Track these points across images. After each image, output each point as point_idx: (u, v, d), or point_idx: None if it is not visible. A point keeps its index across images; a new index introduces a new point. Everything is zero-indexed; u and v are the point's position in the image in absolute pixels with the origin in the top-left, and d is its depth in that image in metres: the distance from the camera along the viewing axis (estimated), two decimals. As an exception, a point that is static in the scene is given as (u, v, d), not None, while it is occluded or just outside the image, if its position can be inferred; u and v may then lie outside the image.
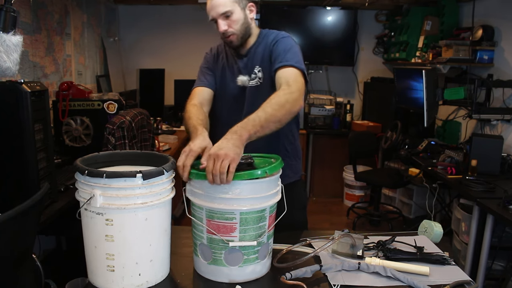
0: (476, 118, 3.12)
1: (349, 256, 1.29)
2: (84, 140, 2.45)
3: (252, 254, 1.15)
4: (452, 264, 1.28)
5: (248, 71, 1.60)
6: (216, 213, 1.12)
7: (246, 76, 1.61)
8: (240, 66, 1.62)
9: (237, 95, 1.62)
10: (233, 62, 1.64)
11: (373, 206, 4.02)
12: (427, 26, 3.85)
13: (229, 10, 1.49)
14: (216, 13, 1.50)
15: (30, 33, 2.67)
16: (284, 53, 1.50)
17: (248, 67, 1.61)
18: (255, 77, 1.59)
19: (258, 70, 1.59)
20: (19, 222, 0.96)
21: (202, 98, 1.61)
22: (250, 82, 1.60)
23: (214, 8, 1.50)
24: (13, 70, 1.43)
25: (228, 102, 1.64)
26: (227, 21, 1.52)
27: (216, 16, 1.51)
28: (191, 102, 1.56)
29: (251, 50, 1.61)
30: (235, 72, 1.63)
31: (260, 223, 1.15)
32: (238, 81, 1.61)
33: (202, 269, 1.19)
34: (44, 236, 2.48)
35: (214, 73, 1.68)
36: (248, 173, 1.12)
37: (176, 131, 3.93)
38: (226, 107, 1.65)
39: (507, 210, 2.09)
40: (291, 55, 1.50)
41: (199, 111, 1.50)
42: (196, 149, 1.19)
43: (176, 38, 4.79)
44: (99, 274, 1.11)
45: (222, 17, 1.51)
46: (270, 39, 1.59)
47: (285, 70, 1.46)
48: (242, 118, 1.41)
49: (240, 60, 1.62)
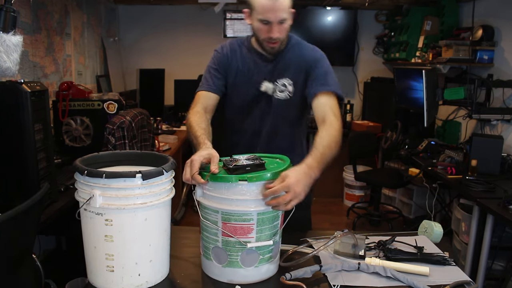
0: (476, 118, 3.12)
1: (350, 256, 1.29)
2: (84, 140, 2.45)
3: (267, 254, 1.16)
4: (452, 264, 1.28)
5: (274, 78, 1.54)
6: (233, 215, 1.11)
7: (271, 84, 1.53)
8: (264, 70, 1.54)
9: (255, 100, 1.55)
10: (254, 64, 1.56)
11: (373, 206, 4.02)
12: (427, 26, 3.85)
13: (286, 17, 1.43)
14: (275, 17, 1.41)
15: (30, 33, 2.67)
16: (325, 76, 1.48)
17: (274, 73, 1.54)
18: (285, 90, 1.53)
19: (289, 84, 1.53)
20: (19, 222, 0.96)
21: (206, 104, 1.52)
22: (278, 93, 1.53)
23: (275, 11, 1.40)
24: (13, 70, 1.43)
25: (244, 107, 1.57)
26: (280, 27, 1.44)
27: (274, 20, 1.42)
28: (194, 109, 1.49)
29: (279, 55, 1.54)
30: (256, 75, 1.55)
31: (275, 222, 1.16)
32: (263, 86, 1.53)
33: (216, 272, 1.17)
34: (44, 236, 2.48)
35: (225, 75, 1.58)
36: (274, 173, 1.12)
37: (176, 131, 3.93)
38: (241, 113, 1.58)
39: (507, 210, 2.09)
40: (332, 79, 1.49)
41: (201, 119, 1.43)
42: (197, 158, 1.16)
43: (176, 38, 4.79)
44: (99, 274, 1.11)
45: (278, 22, 1.43)
46: (306, 53, 1.53)
47: (329, 97, 1.45)
48: (262, 128, 1.43)
49: (266, 64, 1.55)
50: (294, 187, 1.09)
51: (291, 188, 1.08)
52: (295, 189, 1.09)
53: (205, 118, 1.45)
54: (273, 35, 1.44)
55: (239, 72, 1.57)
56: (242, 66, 1.57)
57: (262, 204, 1.11)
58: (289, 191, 1.08)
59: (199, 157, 1.16)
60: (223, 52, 1.60)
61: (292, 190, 1.08)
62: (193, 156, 1.18)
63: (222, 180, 1.10)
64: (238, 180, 1.09)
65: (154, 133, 2.73)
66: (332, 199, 4.59)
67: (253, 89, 1.55)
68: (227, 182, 1.10)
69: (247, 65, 1.57)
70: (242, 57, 1.58)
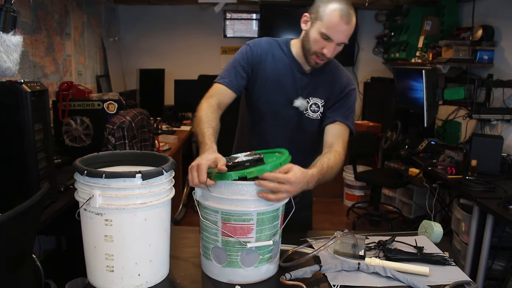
0: (476, 118, 3.12)
1: (350, 256, 1.29)
2: (84, 140, 2.45)
3: (267, 254, 1.16)
4: (452, 264, 1.28)
5: (308, 94, 1.50)
6: (233, 215, 1.11)
7: (305, 101, 1.50)
8: (299, 83, 1.50)
9: (285, 112, 1.51)
10: (289, 74, 1.50)
11: (373, 206, 4.02)
12: (427, 26, 3.85)
13: (346, 42, 1.39)
14: (339, 38, 1.36)
15: (30, 33, 2.67)
16: (349, 111, 1.49)
17: (309, 88, 1.50)
18: (318, 110, 1.51)
19: (322, 104, 1.51)
20: (19, 222, 0.96)
21: (221, 100, 1.45)
22: (311, 113, 1.51)
23: (342, 33, 1.35)
24: (13, 70, 1.43)
25: (271, 114, 1.52)
26: (336, 49, 1.40)
27: (336, 40, 1.36)
28: (209, 101, 1.41)
29: (316, 71, 1.50)
30: (290, 86, 1.50)
31: (274, 222, 1.16)
32: (296, 102, 1.49)
33: (216, 272, 1.17)
34: (44, 236, 2.48)
35: (250, 76, 1.50)
36: (273, 165, 1.13)
37: (176, 131, 3.93)
38: (265, 120, 1.54)
39: (507, 210, 2.09)
40: (353, 115, 1.51)
41: (213, 115, 1.35)
42: (204, 162, 1.11)
43: (176, 38, 4.79)
44: (99, 275, 1.11)
45: (337, 44, 1.39)
46: (343, 81, 1.51)
47: (345, 130, 1.47)
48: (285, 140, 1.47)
49: (302, 76, 1.50)
50: (292, 184, 1.11)
51: (290, 182, 1.10)
52: (292, 186, 1.11)
53: (217, 115, 1.38)
54: (328, 54, 1.39)
55: (271, 78, 1.50)
56: (275, 72, 1.50)
57: (262, 204, 1.11)
58: (286, 183, 1.10)
59: (207, 161, 1.12)
60: (255, 52, 1.50)
61: (288, 184, 1.10)
62: (199, 159, 1.13)
63: (222, 178, 1.10)
64: (237, 176, 1.09)
65: (154, 133, 2.73)
66: (332, 199, 4.58)
67: (284, 100, 1.50)
68: (227, 180, 1.10)
69: (281, 73, 1.50)
70: (277, 62, 1.50)
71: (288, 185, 1.11)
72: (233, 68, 1.49)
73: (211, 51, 4.83)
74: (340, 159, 1.36)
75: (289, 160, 1.21)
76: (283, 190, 1.10)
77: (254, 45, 1.51)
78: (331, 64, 1.52)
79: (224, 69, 1.51)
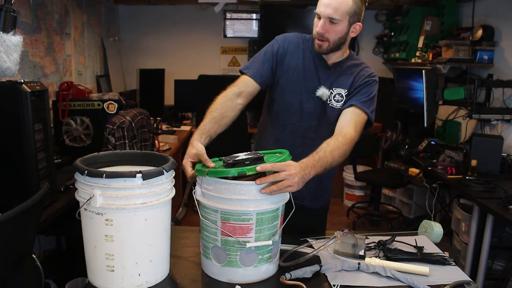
0: (476, 118, 3.12)
1: (350, 256, 1.29)
2: (84, 140, 2.45)
3: (266, 253, 1.16)
4: (452, 264, 1.28)
5: (329, 85, 1.53)
6: (232, 215, 1.11)
7: (327, 90, 1.53)
8: (323, 75, 1.54)
9: (306, 102, 1.55)
10: (312, 66, 1.55)
11: (373, 206, 4.02)
12: (427, 26, 3.85)
13: (337, 18, 1.41)
14: (325, 13, 1.41)
15: (30, 33, 2.67)
16: (368, 97, 1.50)
17: (332, 80, 1.54)
18: (341, 100, 1.53)
19: (345, 94, 1.53)
20: (19, 222, 0.96)
21: (243, 89, 1.51)
22: (334, 103, 1.53)
23: (327, 7, 1.40)
24: (13, 70, 1.43)
25: (295, 104, 1.56)
26: (328, 26, 1.43)
27: (323, 14, 1.41)
28: (228, 90, 1.48)
29: (339, 65, 1.54)
30: (311, 78, 1.54)
31: (274, 222, 1.16)
32: (318, 91, 1.53)
33: (215, 271, 1.18)
34: (44, 236, 2.48)
35: (275, 69, 1.57)
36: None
37: (176, 131, 3.93)
38: (290, 109, 1.57)
39: (507, 210, 2.09)
40: (373, 104, 1.52)
41: (222, 105, 1.43)
42: (185, 161, 1.26)
43: (176, 38, 4.79)
44: (99, 274, 1.11)
45: (327, 19, 1.42)
46: (365, 73, 1.53)
47: (360, 114, 1.47)
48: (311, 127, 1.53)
49: (325, 69, 1.54)
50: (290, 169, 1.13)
51: (287, 166, 1.13)
52: (290, 172, 1.13)
53: (227, 104, 1.44)
54: (319, 30, 1.43)
55: (297, 69, 1.55)
56: (300, 64, 1.55)
57: (261, 203, 1.11)
58: (289, 179, 1.12)
59: (187, 158, 1.26)
60: (283, 45, 1.57)
61: (287, 170, 1.13)
62: (187, 151, 1.27)
63: (222, 174, 1.11)
64: (237, 173, 1.10)
65: (154, 133, 2.73)
66: (332, 199, 4.53)
67: (308, 90, 1.54)
68: (227, 175, 1.11)
69: (305, 65, 1.55)
70: (302, 55, 1.56)
71: (286, 171, 1.12)
72: (260, 60, 1.56)
73: (211, 51, 4.83)
74: (345, 141, 1.36)
75: (290, 157, 1.22)
76: (283, 176, 1.12)
77: (283, 39, 1.59)
78: (354, 59, 1.57)
79: (251, 60, 1.59)
